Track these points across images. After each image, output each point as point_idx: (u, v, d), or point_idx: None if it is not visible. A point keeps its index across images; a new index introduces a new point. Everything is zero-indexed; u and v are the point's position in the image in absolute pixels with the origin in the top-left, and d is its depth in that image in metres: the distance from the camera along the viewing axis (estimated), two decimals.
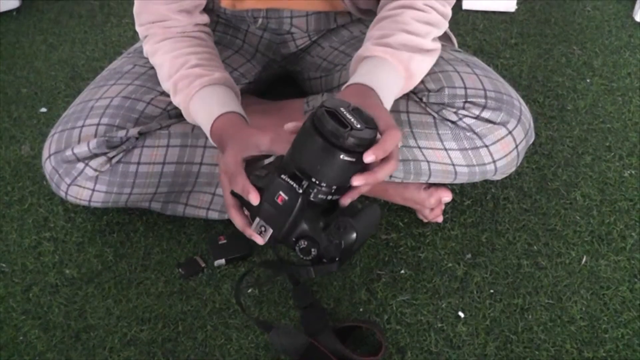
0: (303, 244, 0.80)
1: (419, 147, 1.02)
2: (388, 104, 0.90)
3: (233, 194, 0.87)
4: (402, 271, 1.09)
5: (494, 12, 1.66)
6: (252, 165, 0.88)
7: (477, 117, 0.98)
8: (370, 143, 0.77)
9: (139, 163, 1.05)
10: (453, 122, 0.99)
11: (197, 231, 1.16)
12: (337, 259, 0.80)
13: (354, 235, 0.79)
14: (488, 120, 0.98)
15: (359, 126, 0.76)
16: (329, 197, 0.80)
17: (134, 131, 1.04)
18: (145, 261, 1.13)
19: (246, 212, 0.88)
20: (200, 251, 1.13)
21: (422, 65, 0.96)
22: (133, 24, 1.12)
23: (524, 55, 1.53)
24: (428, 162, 1.03)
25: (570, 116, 1.37)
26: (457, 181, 1.07)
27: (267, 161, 0.89)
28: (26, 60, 1.60)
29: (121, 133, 1.03)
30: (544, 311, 1.03)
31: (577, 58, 1.52)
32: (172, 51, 1.03)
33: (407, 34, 0.94)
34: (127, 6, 1.74)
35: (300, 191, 0.77)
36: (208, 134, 0.98)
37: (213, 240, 1.13)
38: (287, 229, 0.80)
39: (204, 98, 0.98)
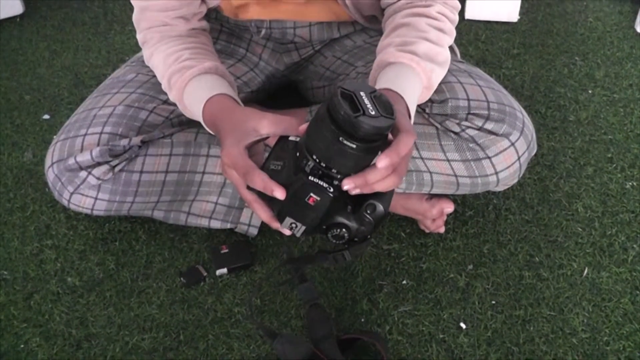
0: (335, 231, 0.80)
1: (422, 158, 1.02)
2: (413, 112, 0.88)
3: (249, 188, 0.83)
4: (404, 282, 1.09)
5: (496, 22, 1.67)
6: (252, 149, 0.86)
7: (479, 129, 0.98)
8: (383, 132, 0.73)
9: (141, 172, 1.05)
10: (456, 133, 0.99)
11: (199, 240, 1.17)
12: (368, 236, 0.80)
13: (382, 209, 0.78)
14: (491, 132, 0.98)
15: (373, 113, 0.71)
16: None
17: (136, 140, 1.04)
18: (147, 270, 1.13)
19: None
20: (202, 260, 1.13)
21: (438, 78, 0.96)
22: (135, 31, 1.12)
23: (526, 66, 1.53)
24: (430, 173, 1.03)
25: (572, 127, 1.37)
26: (459, 192, 1.07)
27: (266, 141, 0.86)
28: (29, 66, 1.60)
29: (124, 142, 1.03)
30: (546, 323, 1.03)
31: (579, 69, 1.52)
32: (165, 51, 1.03)
33: (429, 43, 0.93)
34: (130, 14, 1.73)
35: (331, 190, 0.75)
36: (203, 123, 0.96)
37: (215, 250, 1.13)
38: (318, 223, 0.79)
39: (194, 88, 0.97)
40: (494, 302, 1.06)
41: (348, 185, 0.75)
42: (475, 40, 1.62)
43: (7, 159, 1.34)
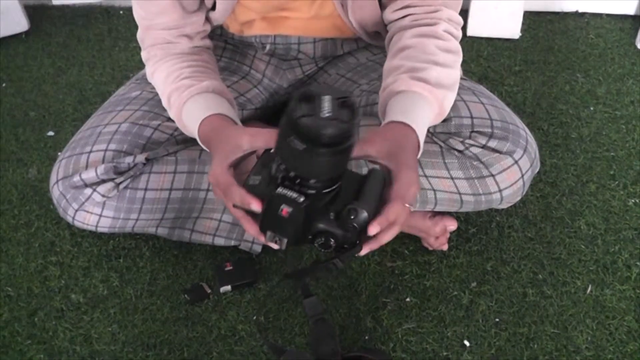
0: (321, 239, 0.78)
1: (426, 176, 1.02)
2: (422, 143, 0.89)
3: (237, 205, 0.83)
4: (408, 299, 1.09)
5: (498, 39, 1.68)
6: (241, 167, 0.86)
7: (483, 147, 0.99)
8: (328, 136, 0.69)
9: (146, 189, 1.06)
10: (460, 151, 1.00)
11: (203, 257, 1.17)
12: (357, 241, 0.79)
13: (365, 214, 0.77)
14: (494, 150, 0.99)
15: (327, 115, 0.69)
16: (328, 190, 0.77)
17: (141, 157, 1.04)
18: (151, 287, 1.13)
19: None
20: (206, 277, 1.14)
21: (450, 102, 0.96)
22: (140, 48, 1.13)
23: (528, 83, 1.54)
24: (434, 190, 1.04)
25: (575, 144, 1.37)
26: (463, 210, 1.07)
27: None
28: (34, 83, 1.61)
29: (129, 159, 1.04)
30: (550, 341, 1.03)
31: (580, 85, 1.53)
32: (167, 69, 1.04)
33: (438, 67, 0.93)
34: (134, 30, 1.74)
35: (302, 199, 0.74)
36: (200, 142, 0.96)
37: (219, 267, 1.13)
38: (300, 233, 0.78)
39: (191, 107, 0.98)
40: (497, 319, 1.06)
41: (365, 251, 0.79)
42: (478, 57, 1.63)
43: (11, 175, 1.35)
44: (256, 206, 0.78)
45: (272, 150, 0.80)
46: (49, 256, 1.19)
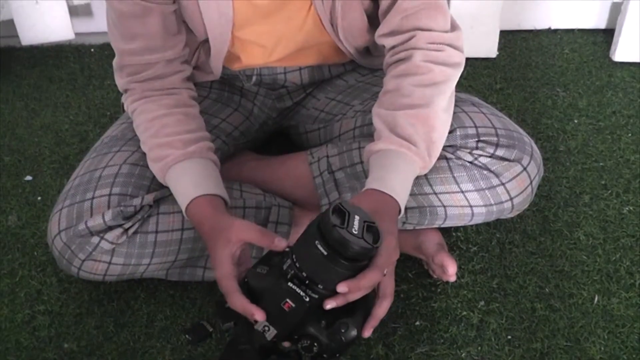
0: (306, 342, 0.81)
1: (435, 193, 1.01)
2: (403, 207, 0.91)
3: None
4: (417, 323, 1.07)
5: (476, 59, 1.69)
6: (241, 258, 0.89)
7: (491, 156, 0.99)
8: (363, 255, 0.77)
9: (157, 232, 1.01)
10: (470, 162, 0.99)
11: (202, 295, 1.12)
12: (337, 355, 0.83)
13: (355, 332, 0.81)
14: (503, 158, 0.99)
15: (355, 232, 0.76)
16: (328, 296, 0.81)
17: (149, 198, 1.00)
18: (148, 329, 1.08)
19: None
20: (207, 315, 1.09)
21: (442, 133, 0.95)
22: (115, 85, 1.10)
23: (510, 100, 1.55)
24: (445, 207, 1.02)
25: (564, 157, 1.38)
26: (472, 222, 1.06)
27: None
28: (7, 127, 1.56)
29: (136, 201, 0.99)
30: (564, 354, 1.01)
31: (562, 100, 1.55)
32: (147, 112, 1.02)
33: (415, 109, 0.92)
34: (107, 67, 1.72)
35: (307, 299, 0.78)
36: (184, 213, 0.96)
37: (220, 303, 1.07)
38: (291, 330, 0.82)
39: (178, 175, 0.97)
40: (509, 337, 1.04)
41: (330, 305, 0.78)
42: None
43: None
44: (260, 316, 0.79)
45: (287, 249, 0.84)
46: (37, 305, 1.13)
